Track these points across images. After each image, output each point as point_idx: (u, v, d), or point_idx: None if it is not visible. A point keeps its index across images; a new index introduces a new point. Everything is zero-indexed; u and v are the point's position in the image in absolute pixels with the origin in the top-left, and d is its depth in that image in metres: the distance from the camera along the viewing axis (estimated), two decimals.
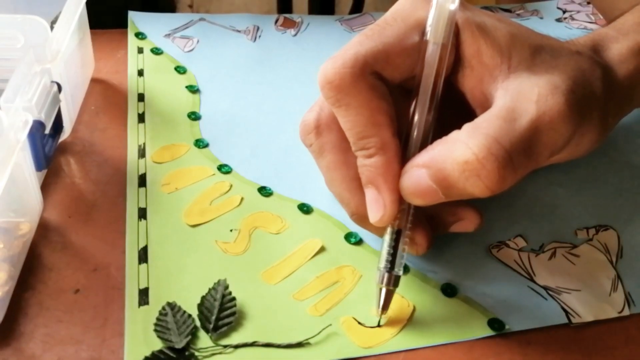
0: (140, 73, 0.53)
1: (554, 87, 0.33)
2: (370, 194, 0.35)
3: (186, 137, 0.47)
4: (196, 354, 0.33)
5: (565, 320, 0.36)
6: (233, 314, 0.35)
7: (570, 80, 0.34)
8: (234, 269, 0.38)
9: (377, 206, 0.34)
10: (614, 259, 0.39)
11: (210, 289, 0.36)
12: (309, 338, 0.34)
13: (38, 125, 0.40)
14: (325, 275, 0.38)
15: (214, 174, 0.44)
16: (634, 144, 0.48)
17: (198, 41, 0.57)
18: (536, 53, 0.35)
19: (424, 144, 0.34)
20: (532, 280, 0.38)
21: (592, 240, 0.40)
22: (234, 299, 0.36)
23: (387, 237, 0.35)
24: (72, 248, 0.39)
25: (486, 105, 0.34)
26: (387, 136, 0.34)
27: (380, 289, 0.35)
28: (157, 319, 0.35)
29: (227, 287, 0.36)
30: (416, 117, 0.35)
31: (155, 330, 0.34)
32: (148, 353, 0.33)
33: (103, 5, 0.57)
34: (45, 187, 0.42)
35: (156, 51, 0.55)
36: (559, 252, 0.40)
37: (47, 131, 0.41)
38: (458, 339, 0.35)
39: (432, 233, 0.37)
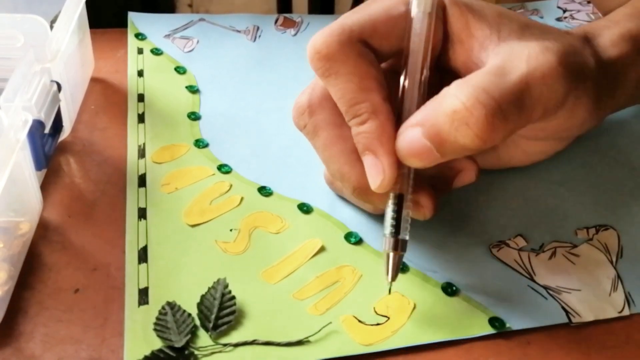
0: (140, 73, 0.53)
1: (545, 47, 0.34)
2: (368, 160, 0.35)
3: (186, 137, 0.47)
4: (196, 352, 0.33)
5: (566, 320, 0.36)
6: (233, 312, 0.35)
7: (561, 46, 0.35)
8: (233, 269, 0.38)
9: (376, 171, 0.34)
10: (614, 259, 0.39)
11: (209, 288, 0.36)
12: (309, 336, 0.34)
13: (38, 125, 0.40)
14: (325, 274, 0.38)
15: (213, 174, 0.44)
16: (634, 144, 0.48)
17: (198, 41, 0.57)
18: (525, 28, 0.36)
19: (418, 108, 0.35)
20: (532, 279, 0.38)
21: (592, 240, 0.40)
22: (233, 297, 0.36)
23: (390, 203, 0.35)
24: (72, 248, 0.39)
25: None
26: (378, 100, 0.35)
27: (388, 255, 0.35)
28: (157, 318, 0.35)
29: (226, 286, 0.36)
30: (407, 84, 0.35)
31: (155, 330, 0.34)
32: (148, 352, 0.33)
33: (103, 5, 0.57)
34: (45, 187, 0.42)
35: (156, 52, 0.55)
36: (559, 252, 0.40)
37: (46, 131, 0.41)
38: (459, 336, 0.35)
39: (436, 195, 0.37)
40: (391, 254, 0.35)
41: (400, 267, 0.35)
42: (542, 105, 0.33)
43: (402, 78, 0.36)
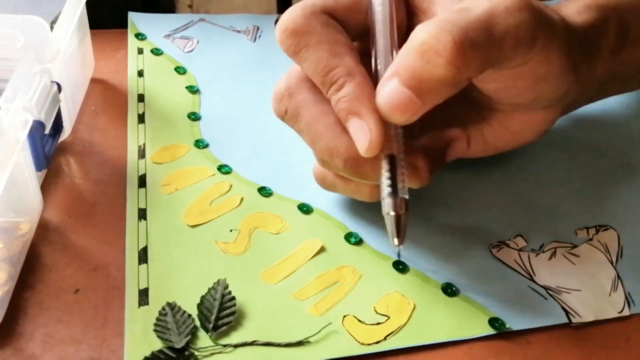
0: (140, 74, 0.53)
1: None
2: (353, 124, 0.34)
3: (186, 137, 0.47)
4: (196, 353, 0.33)
5: (566, 320, 0.36)
6: (233, 313, 0.35)
7: None
8: (233, 269, 0.38)
9: (363, 132, 0.34)
10: (614, 259, 0.39)
11: (209, 289, 0.36)
12: (310, 337, 0.34)
13: (38, 125, 0.40)
14: (325, 275, 0.38)
15: (213, 175, 0.44)
16: (634, 144, 0.48)
17: (198, 42, 0.57)
18: None
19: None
20: (532, 280, 0.38)
21: (592, 240, 0.40)
22: (233, 298, 0.36)
23: (383, 164, 0.34)
24: (72, 248, 0.39)
25: None
26: (351, 62, 0.35)
27: (392, 217, 0.33)
28: (157, 319, 0.35)
29: (226, 286, 0.36)
30: (379, 47, 0.36)
31: (155, 330, 0.34)
32: (148, 353, 0.33)
33: (103, 5, 0.57)
34: (45, 187, 0.42)
35: (156, 52, 0.55)
36: (559, 252, 0.40)
37: (47, 131, 0.41)
38: (459, 337, 0.35)
39: (431, 161, 0.37)
40: (392, 214, 0.33)
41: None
42: (512, 34, 0.33)
43: (372, 60, 0.36)
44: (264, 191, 0.43)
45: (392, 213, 0.33)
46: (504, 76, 0.36)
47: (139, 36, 0.57)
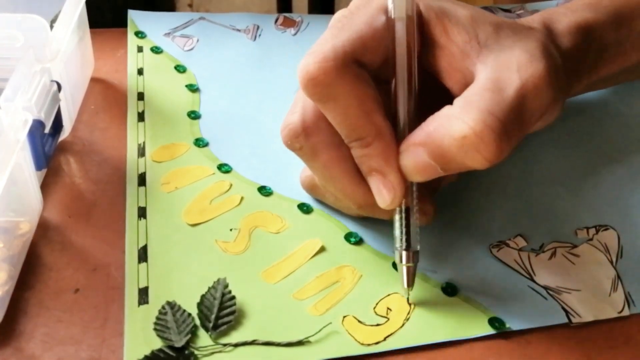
0: (140, 72, 0.53)
1: (531, 55, 0.34)
2: (375, 181, 0.35)
3: (186, 136, 0.47)
4: (196, 352, 0.33)
5: (565, 320, 0.36)
6: (233, 312, 0.35)
7: (539, 49, 0.35)
8: (233, 268, 0.38)
9: (387, 190, 0.35)
10: (614, 259, 0.39)
11: (209, 288, 0.36)
12: (309, 336, 0.34)
13: (38, 125, 0.40)
14: (325, 275, 0.38)
15: (213, 173, 0.44)
16: (634, 144, 0.48)
17: (198, 40, 0.57)
18: (499, 29, 0.36)
19: (413, 120, 0.35)
20: (532, 279, 0.38)
21: (592, 240, 0.40)
22: (233, 297, 0.36)
23: (397, 217, 0.36)
24: (72, 248, 0.39)
25: (464, 82, 0.35)
26: (380, 121, 0.35)
27: (403, 268, 0.36)
28: (157, 318, 0.35)
29: (226, 286, 0.36)
30: (399, 93, 0.35)
31: (155, 329, 0.34)
32: (148, 352, 0.33)
33: (103, 5, 0.57)
34: (45, 187, 0.42)
35: (156, 50, 0.55)
36: (559, 252, 0.40)
37: (46, 130, 0.41)
38: (459, 336, 0.35)
39: (434, 199, 0.38)
40: (404, 268, 0.36)
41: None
42: (536, 115, 0.34)
43: (392, 86, 0.36)
44: (264, 190, 0.43)
45: (405, 267, 0.36)
46: None
47: (139, 34, 0.57)
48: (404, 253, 0.35)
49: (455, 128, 0.32)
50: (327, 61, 0.33)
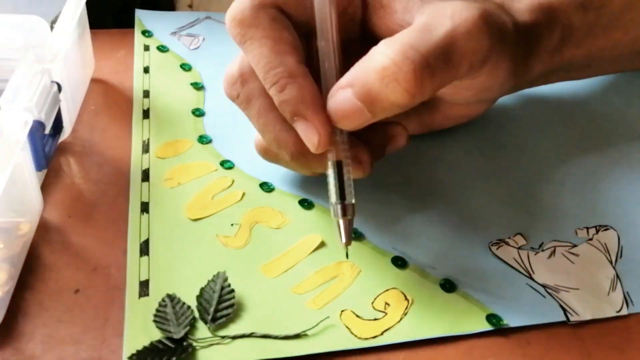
0: (146, 70, 0.53)
1: (468, 4, 0.35)
2: (300, 126, 0.35)
3: (190, 133, 0.47)
4: (194, 344, 0.33)
5: (563, 318, 0.36)
6: (232, 305, 0.35)
7: (482, 3, 0.36)
8: (234, 262, 0.38)
9: (311, 133, 0.35)
10: (613, 259, 0.39)
11: (209, 281, 0.36)
12: (307, 330, 0.34)
13: (38, 125, 0.40)
14: (324, 270, 0.38)
15: (216, 170, 0.44)
16: (634, 143, 0.48)
17: (204, 39, 0.57)
18: None
19: (340, 73, 0.35)
20: (530, 278, 0.38)
21: (592, 239, 0.40)
22: (232, 291, 0.36)
23: (331, 172, 0.36)
24: (72, 248, 0.39)
25: None
26: (294, 64, 0.35)
27: (339, 222, 0.35)
28: (157, 310, 0.35)
29: (226, 279, 0.36)
30: (321, 45, 0.36)
31: (155, 321, 0.34)
32: (147, 343, 0.33)
33: (103, 5, 0.57)
34: (45, 187, 0.42)
35: (162, 49, 0.56)
36: (558, 251, 0.40)
37: (47, 131, 0.41)
38: (456, 332, 0.35)
39: (372, 154, 0.38)
40: (341, 220, 0.35)
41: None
42: (468, 59, 0.34)
43: (316, 40, 0.36)
44: (266, 186, 0.43)
45: (341, 220, 0.35)
46: (452, 87, 0.37)
47: (146, 33, 0.57)
48: (338, 207, 0.35)
49: (376, 61, 0.33)
50: (245, 2, 0.36)
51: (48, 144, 0.42)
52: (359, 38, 0.38)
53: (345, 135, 0.36)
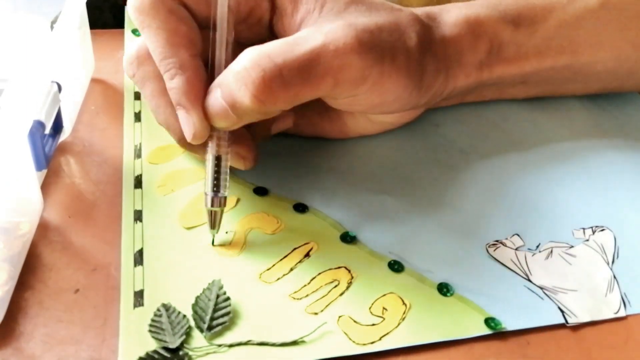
0: None
1: (349, 24, 0.36)
2: (181, 115, 0.37)
3: None
4: (190, 353, 0.33)
5: (562, 320, 0.36)
6: (227, 314, 0.35)
7: (373, 24, 0.36)
8: (229, 270, 0.38)
9: (189, 125, 0.37)
10: (610, 260, 0.39)
11: (204, 289, 0.36)
12: (304, 336, 0.34)
13: (38, 125, 0.40)
14: (321, 275, 0.38)
15: None
16: (632, 144, 0.48)
17: None
18: (352, 4, 0.38)
19: (228, 63, 0.36)
20: (528, 279, 0.38)
21: (589, 240, 0.40)
22: (228, 299, 0.36)
23: (209, 164, 0.38)
24: (72, 248, 0.39)
25: None
26: (185, 56, 0.36)
27: (210, 212, 0.38)
28: (152, 319, 0.35)
29: (221, 287, 0.36)
30: (217, 42, 0.37)
31: (150, 331, 0.34)
32: (142, 353, 0.33)
33: (103, 5, 0.57)
34: (45, 187, 0.42)
35: None
36: (555, 252, 0.40)
37: (47, 131, 0.41)
38: (454, 336, 0.35)
39: (256, 147, 0.40)
40: (212, 210, 0.38)
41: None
42: (332, 76, 0.35)
43: (212, 37, 0.37)
44: (260, 191, 0.43)
45: (212, 209, 0.38)
46: (339, 102, 0.38)
47: (136, 32, 0.56)
48: (212, 198, 0.38)
49: (236, 63, 0.35)
50: None
51: (48, 144, 0.42)
52: (267, 40, 0.38)
53: (226, 132, 0.37)
